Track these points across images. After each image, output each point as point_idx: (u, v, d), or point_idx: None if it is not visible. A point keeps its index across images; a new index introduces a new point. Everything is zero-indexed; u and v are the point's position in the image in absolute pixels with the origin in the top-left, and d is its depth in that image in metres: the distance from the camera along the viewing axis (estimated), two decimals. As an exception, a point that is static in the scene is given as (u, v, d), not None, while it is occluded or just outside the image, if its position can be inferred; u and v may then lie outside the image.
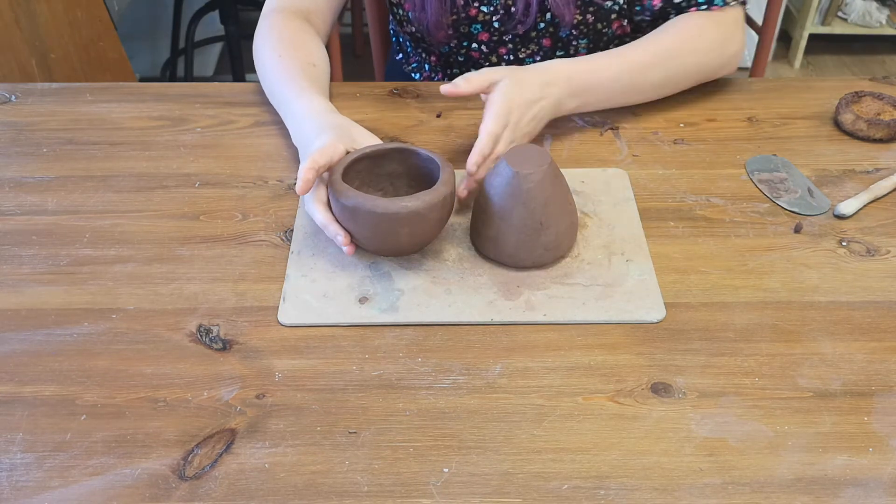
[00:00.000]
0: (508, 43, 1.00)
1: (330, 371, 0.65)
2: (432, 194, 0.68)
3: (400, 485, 0.57)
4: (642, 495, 0.56)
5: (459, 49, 1.02)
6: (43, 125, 0.93)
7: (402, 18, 1.01)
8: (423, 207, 0.67)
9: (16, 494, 0.56)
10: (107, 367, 0.65)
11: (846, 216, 0.79)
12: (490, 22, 0.98)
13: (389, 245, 0.71)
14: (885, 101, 0.92)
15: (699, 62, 0.92)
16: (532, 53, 1.01)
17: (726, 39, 0.93)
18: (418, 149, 0.74)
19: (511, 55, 1.02)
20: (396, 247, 0.71)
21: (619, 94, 0.90)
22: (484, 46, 1.01)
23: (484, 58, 1.03)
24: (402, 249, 0.72)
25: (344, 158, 0.72)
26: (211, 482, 0.57)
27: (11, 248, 0.76)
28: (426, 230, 0.70)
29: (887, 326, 0.68)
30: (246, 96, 0.98)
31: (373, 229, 0.69)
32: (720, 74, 0.96)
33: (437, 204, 0.68)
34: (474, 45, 1.01)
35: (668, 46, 0.90)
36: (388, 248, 0.72)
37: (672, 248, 0.76)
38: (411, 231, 0.69)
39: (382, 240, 0.70)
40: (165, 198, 0.82)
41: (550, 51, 1.01)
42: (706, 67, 0.93)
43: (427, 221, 0.69)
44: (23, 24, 1.47)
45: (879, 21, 2.55)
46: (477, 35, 0.99)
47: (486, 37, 0.99)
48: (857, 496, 0.56)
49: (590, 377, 0.64)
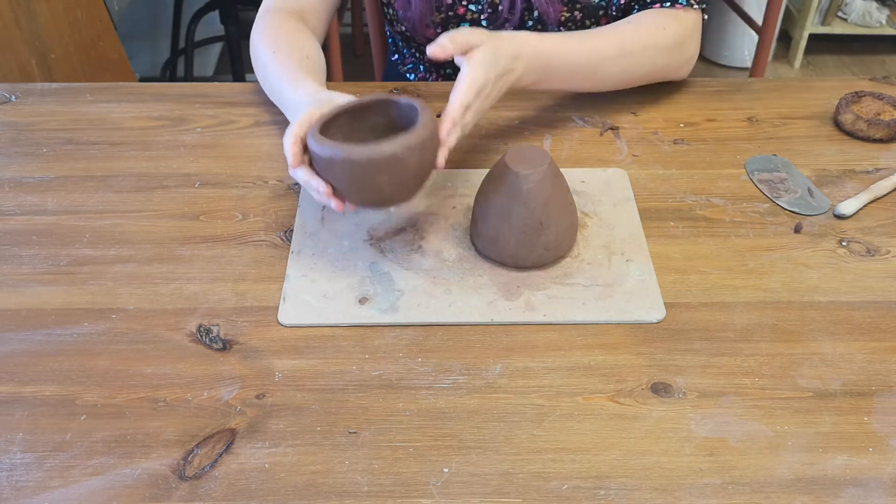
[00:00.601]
0: None
1: (330, 371, 0.65)
2: (410, 137, 0.65)
3: (400, 485, 0.57)
4: (642, 495, 0.56)
5: None
6: (43, 125, 0.93)
7: (393, 18, 1.02)
8: (401, 151, 0.65)
9: (16, 494, 0.56)
10: (107, 367, 0.65)
11: (846, 216, 0.79)
12: (478, 20, 0.98)
13: (371, 195, 0.68)
14: (885, 101, 0.92)
15: (660, 59, 0.92)
16: None
17: (686, 40, 0.92)
18: (398, 98, 0.72)
19: None
20: (378, 196, 0.69)
21: (579, 79, 0.89)
22: None
23: None
24: (386, 198, 0.70)
25: (322, 116, 0.71)
26: (211, 482, 0.57)
27: (11, 248, 0.76)
28: (407, 177, 0.68)
29: (887, 326, 0.68)
30: (246, 96, 0.98)
31: (351, 179, 0.66)
32: (676, 76, 0.95)
33: (416, 147, 0.66)
34: None
35: (632, 39, 0.89)
36: (370, 198, 0.69)
37: (672, 248, 0.76)
38: (391, 178, 0.66)
39: (362, 189, 0.67)
40: (165, 198, 0.82)
41: None
42: (665, 66, 0.93)
43: (406, 167, 0.66)
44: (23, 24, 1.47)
45: (879, 21, 2.55)
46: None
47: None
48: (857, 496, 0.56)
49: (590, 377, 0.64)
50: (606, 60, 0.88)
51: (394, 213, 0.79)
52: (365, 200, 0.70)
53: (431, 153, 0.69)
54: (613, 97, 0.96)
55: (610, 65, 0.88)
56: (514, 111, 0.94)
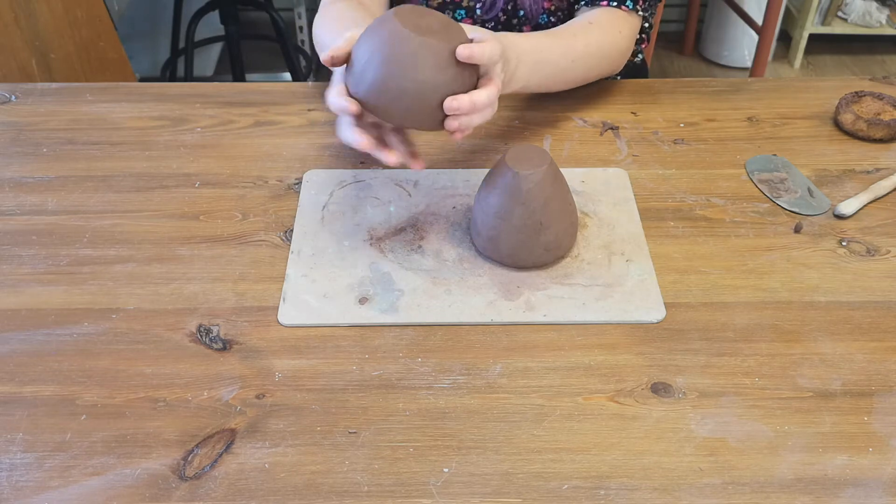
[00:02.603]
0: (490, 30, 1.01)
1: (330, 371, 0.65)
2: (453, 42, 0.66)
3: (400, 485, 0.57)
4: (642, 495, 0.56)
5: None
6: (43, 125, 0.93)
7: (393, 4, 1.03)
8: (446, 46, 0.65)
9: (16, 494, 0.56)
10: (107, 367, 0.65)
11: (846, 216, 0.79)
12: (473, 9, 0.99)
13: (402, 83, 0.66)
14: (885, 101, 0.92)
15: (616, 61, 0.93)
16: None
17: (631, 44, 0.94)
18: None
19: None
20: (409, 87, 0.66)
21: (553, 81, 0.89)
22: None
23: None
24: (414, 98, 0.67)
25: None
26: (211, 482, 0.57)
27: (11, 248, 0.76)
28: (437, 80, 0.66)
29: (887, 326, 0.68)
30: (246, 96, 0.98)
31: (391, 58, 0.65)
32: (608, 75, 0.97)
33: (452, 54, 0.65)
34: None
35: (598, 41, 0.90)
36: (400, 86, 0.66)
37: (672, 248, 0.76)
38: (423, 71, 0.65)
39: (396, 75, 0.65)
40: (165, 198, 0.82)
41: None
42: (617, 67, 0.94)
43: (440, 66, 0.66)
44: (23, 24, 1.47)
45: (879, 21, 2.55)
46: (460, 21, 1.00)
47: (469, 23, 1.01)
48: (857, 496, 0.56)
49: (590, 377, 0.64)
50: (577, 61, 0.88)
51: (394, 213, 0.79)
52: (392, 93, 0.67)
53: (463, 76, 0.68)
54: (613, 97, 0.96)
55: (579, 65, 0.89)
56: (514, 111, 0.94)
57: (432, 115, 0.68)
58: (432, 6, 0.99)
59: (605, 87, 0.99)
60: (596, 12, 0.93)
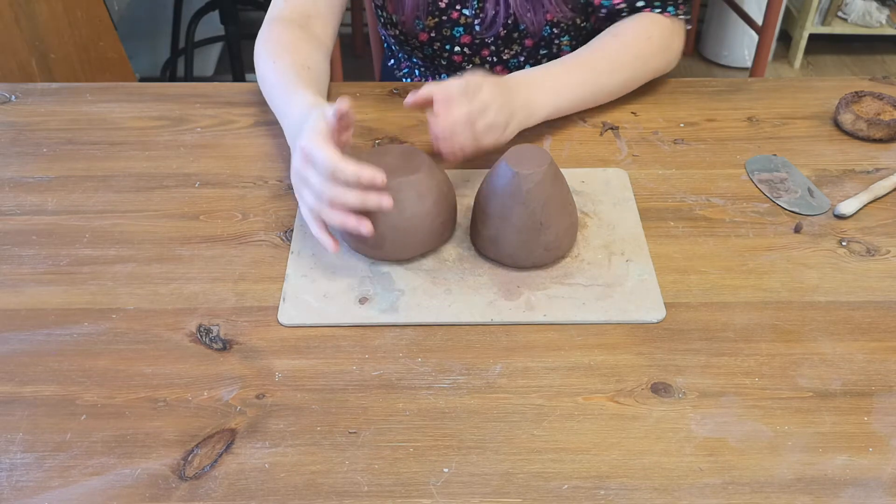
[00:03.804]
0: (490, 45, 1.00)
1: (330, 371, 0.65)
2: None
3: (400, 485, 0.57)
4: (642, 495, 0.56)
5: (442, 52, 1.02)
6: (43, 125, 0.93)
7: (387, 21, 1.02)
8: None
9: (16, 494, 0.56)
10: (107, 367, 0.65)
11: (846, 216, 0.79)
12: (471, 24, 0.98)
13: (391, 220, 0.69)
14: (885, 101, 0.92)
15: (650, 64, 0.94)
16: (516, 54, 1.02)
17: (670, 43, 0.94)
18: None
19: (494, 56, 1.02)
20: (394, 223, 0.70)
21: (584, 105, 0.91)
22: (466, 49, 1.01)
23: (467, 60, 1.03)
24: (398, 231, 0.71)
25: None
26: (211, 482, 0.57)
27: (11, 248, 0.76)
28: (421, 212, 0.70)
29: (887, 326, 0.68)
30: (246, 96, 0.98)
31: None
32: (664, 73, 0.98)
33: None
34: (457, 48, 1.01)
35: (621, 54, 0.91)
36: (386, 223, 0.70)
37: (672, 248, 0.76)
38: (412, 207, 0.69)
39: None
40: (165, 198, 0.82)
41: (534, 50, 1.01)
42: (655, 69, 0.95)
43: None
44: (23, 24, 1.47)
45: (879, 21, 2.55)
46: (459, 38, 1.00)
47: (469, 39, 1.00)
48: (857, 496, 0.56)
49: (590, 377, 0.64)
50: (602, 84, 0.91)
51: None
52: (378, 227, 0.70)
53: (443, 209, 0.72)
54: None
55: (605, 81, 0.91)
56: (514, 111, 0.94)
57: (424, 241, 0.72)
58: (429, 25, 0.98)
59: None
60: (622, 26, 0.93)
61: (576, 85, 0.88)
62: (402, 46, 1.06)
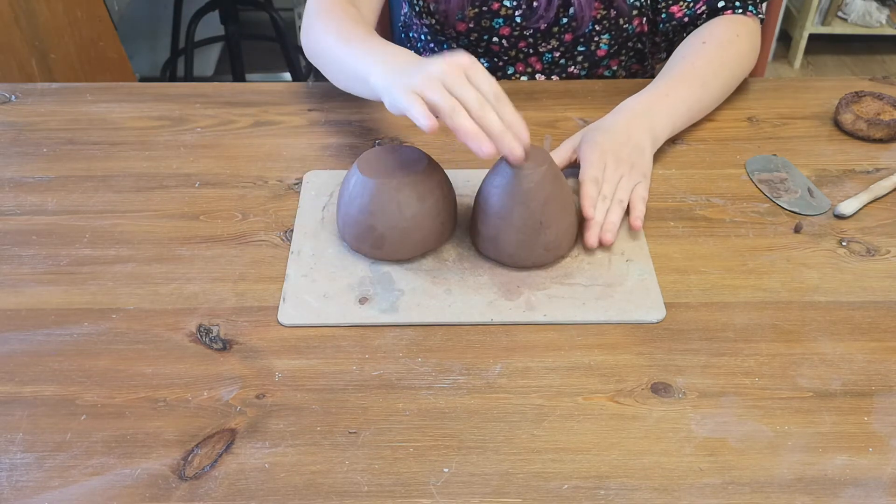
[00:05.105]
0: (529, 38, 1.01)
1: (330, 371, 0.65)
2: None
3: (400, 485, 0.57)
4: (642, 495, 0.56)
5: (479, 42, 1.02)
6: (43, 125, 0.93)
7: (423, 10, 1.01)
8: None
9: (16, 494, 0.56)
10: (107, 367, 0.65)
11: (846, 216, 0.79)
12: (512, 16, 0.98)
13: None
14: (885, 101, 0.92)
15: (746, 62, 0.94)
16: (552, 48, 1.02)
17: (755, 41, 0.95)
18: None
19: (531, 48, 1.02)
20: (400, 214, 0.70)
21: (699, 114, 0.91)
22: (504, 41, 1.01)
23: (504, 51, 1.03)
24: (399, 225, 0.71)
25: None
26: (211, 482, 0.57)
27: (11, 248, 0.76)
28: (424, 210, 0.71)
29: (887, 326, 0.68)
30: (246, 96, 0.98)
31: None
32: (749, 73, 0.98)
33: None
34: (495, 38, 1.01)
35: (719, 55, 0.91)
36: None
37: (672, 248, 0.76)
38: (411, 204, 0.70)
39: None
40: (165, 198, 0.82)
41: (571, 45, 1.01)
42: (749, 66, 0.95)
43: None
44: (23, 24, 1.47)
45: (879, 21, 2.55)
46: (498, 29, 1.00)
47: (508, 31, 1.00)
48: (857, 496, 0.56)
49: (590, 377, 0.64)
50: (711, 90, 0.90)
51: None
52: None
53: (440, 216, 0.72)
54: (613, 97, 0.96)
55: (713, 86, 0.90)
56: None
57: (422, 242, 0.72)
58: (469, 16, 0.98)
59: (604, 87, 0.99)
60: (705, 30, 0.93)
61: (684, 99, 0.87)
62: (436, 36, 1.05)
